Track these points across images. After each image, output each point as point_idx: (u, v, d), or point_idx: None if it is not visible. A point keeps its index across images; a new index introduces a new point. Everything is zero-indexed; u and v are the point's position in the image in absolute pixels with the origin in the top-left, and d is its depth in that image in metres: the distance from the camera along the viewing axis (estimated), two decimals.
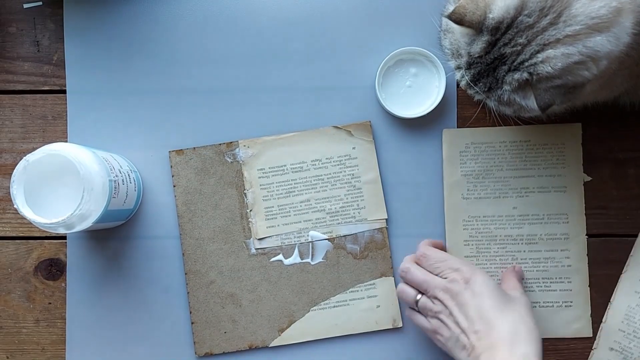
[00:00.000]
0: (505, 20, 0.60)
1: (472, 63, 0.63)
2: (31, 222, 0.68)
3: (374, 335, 0.79)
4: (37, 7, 0.81)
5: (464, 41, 0.63)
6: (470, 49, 0.63)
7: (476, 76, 0.64)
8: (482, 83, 0.64)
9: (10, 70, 0.81)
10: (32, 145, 0.80)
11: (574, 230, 0.78)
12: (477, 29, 0.61)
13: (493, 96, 0.64)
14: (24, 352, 0.79)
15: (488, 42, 0.61)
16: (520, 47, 0.60)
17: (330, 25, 0.80)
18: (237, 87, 0.81)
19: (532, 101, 0.61)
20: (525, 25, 0.59)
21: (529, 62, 0.60)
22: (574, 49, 0.58)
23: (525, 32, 0.59)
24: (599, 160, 0.80)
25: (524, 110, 0.64)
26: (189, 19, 0.81)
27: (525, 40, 0.60)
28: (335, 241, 0.79)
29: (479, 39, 0.62)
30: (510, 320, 0.67)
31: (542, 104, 0.60)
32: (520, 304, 0.69)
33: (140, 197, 0.79)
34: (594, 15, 0.58)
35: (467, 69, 0.64)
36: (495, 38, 0.61)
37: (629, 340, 0.76)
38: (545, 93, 0.60)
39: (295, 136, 0.80)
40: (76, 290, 0.80)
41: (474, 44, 0.62)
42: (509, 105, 0.64)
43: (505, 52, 0.61)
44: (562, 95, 0.61)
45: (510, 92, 0.62)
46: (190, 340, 0.79)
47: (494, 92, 0.63)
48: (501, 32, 0.60)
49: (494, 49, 0.61)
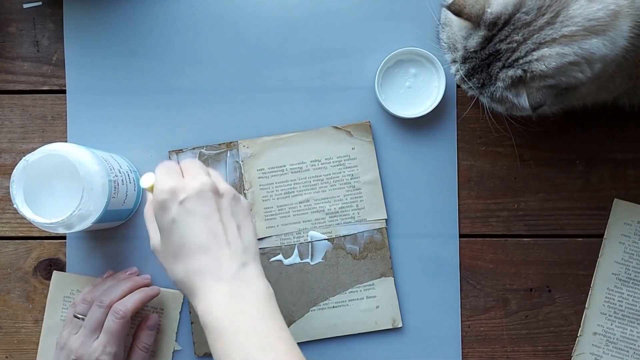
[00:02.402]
0: (503, 16, 0.60)
1: (467, 57, 0.63)
2: (31, 222, 0.68)
3: (373, 335, 0.79)
4: (37, 7, 0.81)
5: (461, 35, 0.64)
6: (467, 43, 0.63)
7: (470, 71, 0.64)
8: (476, 78, 0.64)
9: (10, 70, 0.81)
10: (32, 145, 0.80)
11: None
12: (475, 22, 0.61)
13: (486, 92, 0.64)
14: (23, 352, 0.79)
15: (484, 38, 0.62)
16: (516, 45, 0.60)
17: (330, 26, 0.80)
18: (237, 87, 0.81)
19: (524, 99, 0.61)
20: (522, 23, 0.59)
21: (523, 60, 0.60)
22: (570, 50, 0.58)
23: (522, 30, 0.60)
24: (599, 161, 0.80)
25: (516, 108, 0.64)
26: (188, 19, 0.81)
27: (521, 37, 0.60)
28: (334, 241, 0.79)
29: (476, 34, 0.62)
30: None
31: (533, 103, 0.60)
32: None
33: (140, 197, 0.79)
34: (592, 18, 0.58)
35: (462, 63, 0.64)
36: (491, 34, 0.61)
37: (610, 322, 0.78)
38: (537, 92, 0.60)
39: (294, 136, 0.80)
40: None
41: (471, 38, 0.63)
42: (501, 102, 0.64)
43: (500, 48, 0.61)
44: (554, 96, 0.61)
45: (503, 89, 0.62)
46: (190, 340, 0.79)
47: (487, 88, 0.63)
48: (498, 28, 0.61)
49: (490, 44, 0.61)
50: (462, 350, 0.79)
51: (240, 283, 0.61)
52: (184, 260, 0.62)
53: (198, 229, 0.62)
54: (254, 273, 0.63)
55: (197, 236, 0.62)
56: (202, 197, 0.62)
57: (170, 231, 0.62)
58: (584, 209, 0.80)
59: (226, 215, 0.63)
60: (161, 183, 0.63)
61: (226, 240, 0.62)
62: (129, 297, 0.74)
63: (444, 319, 0.79)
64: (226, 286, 0.61)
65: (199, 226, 0.62)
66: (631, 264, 0.78)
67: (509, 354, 0.80)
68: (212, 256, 0.61)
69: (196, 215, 0.62)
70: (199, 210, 0.62)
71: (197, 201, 0.62)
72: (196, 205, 0.62)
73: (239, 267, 0.62)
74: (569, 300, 0.79)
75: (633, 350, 0.78)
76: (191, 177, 0.64)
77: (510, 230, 0.80)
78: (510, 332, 0.80)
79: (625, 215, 0.78)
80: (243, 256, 0.63)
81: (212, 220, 0.62)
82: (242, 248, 0.63)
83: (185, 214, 0.62)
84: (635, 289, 0.78)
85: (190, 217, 0.62)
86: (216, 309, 0.60)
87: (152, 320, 0.77)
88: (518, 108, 0.63)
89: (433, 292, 0.79)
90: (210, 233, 0.62)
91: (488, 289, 0.80)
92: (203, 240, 0.62)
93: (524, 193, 0.80)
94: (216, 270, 0.61)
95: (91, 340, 0.72)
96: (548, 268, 0.80)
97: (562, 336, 0.79)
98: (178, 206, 0.62)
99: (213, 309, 0.60)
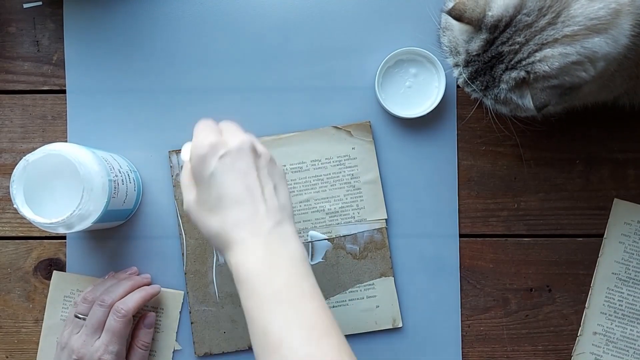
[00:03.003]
0: (504, 19, 0.60)
1: (469, 61, 0.63)
2: (31, 221, 0.68)
3: (373, 335, 0.79)
4: (37, 7, 0.81)
5: (462, 39, 0.64)
6: (469, 46, 0.63)
7: (473, 74, 0.64)
8: (479, 81, 0.64)
9: (10, 70, 0.81)
10: (32, 145, 0.80)
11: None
12: (476, 26, 0.61)
13: (490, 95, 0.64)
14: (23, 352, 0.79)
15: (486, 40, 0.62)
16: (518, 46, 0.60)
17: (330, 26, 0.80)
18: (237, 87, 0.81)
19: (529, 100, 0.61)
20: (523, 24, 0.59)
21: (526, 61, 0.60)
22: (572, 49, 0.58)
23: (523, 31, 0.60)
24: (599, 161, 0.80)
25: (520, 109, 0.64)
26: (188, 19, 0.81)
27: (523, 39, 0.60)
28: (334, 241, 0.79)
29: (478, 37, 0.62)
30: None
31: (538, 103, 0.60)
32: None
33: (140, 197, 0.79)
34: (593, 17, 0.58)
35: (464, 67, 0.64)
36: (493, 36, 0.61)
37: (610, 322, 0.78)
38: (541, 93, 0.60)
39: (294, 136, 0.80)
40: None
41: (472, 42, 0.63)
42: (506, 104, 0.64)
43: (503, 50, 0.61)
44: (559, 95, 0.61)
45: (507, 91, 0.62)
46: (190, 339, 0.79)
47: (491, 90, 0.63)
48: (499, 31, 0.61)
49: (492, 47, 0.61)
50: (462, 350, 0.79)
51: (276, 239, 0.61)
52: (221, 213, 0.62)
53: (236, 183, 0.62)
54: (289, 231, 0.63)
55: (235, 190, 0.62)
56: (241, 154, 0.63)
57: (209, 185, 0.62)
58: (584, 209, 0.80)
59: (263, 175, 0.64)
60: (201, 137, 0.63)
61: (263, 197, 0.62)
62: (130, 296, 0.74)
63: (444, 319, 0.79)
64: (262, 240, 0.61)
65: (238, 181, 0.62)
66: (631, 264, 0.78)
67: (509, 354, 0.80)
68: (249, 210, 0.62)
69: (235, 171, 0.62)
70: (238, 166, 0.62)
71: (236, 157, 0.62)
72: (235, 161, 0.62)
73: (275, 224, 0.62)
74: (569, 300, 0.79)
75: (633, 350, 0.78)
76: (231, 135, 0.64)
77: (510, 230, 0.80)
78: (511, 331, 0.80)
79: (625, 215, 0.79)
80: (279, 214, 0.63)
81: (250, 176, 0.63)
82: (279, 206, 0.63)
83: (224, 169, 0.62)
84: (635, 288, 0.78)
85: (229, 172, 0.62)
86: (251, 263, 0.60)
87: (150, 318, 0.77)
88: (522, 109, 0.63)
89: (433, 292, 0.80)
90: (247, 188, 0.62)
91: (488, 288, 0.80)
92: (241, 194, 0.62)
93: (524, 193, 0.80)
94: (253, 224, 0.61)
95: (93, 339, 0.72)
96: (548, 268, 0.80)
97: (562, 336, 0.79)
98: (217, 161, 0.62)
99: (248, 262, 0.60)
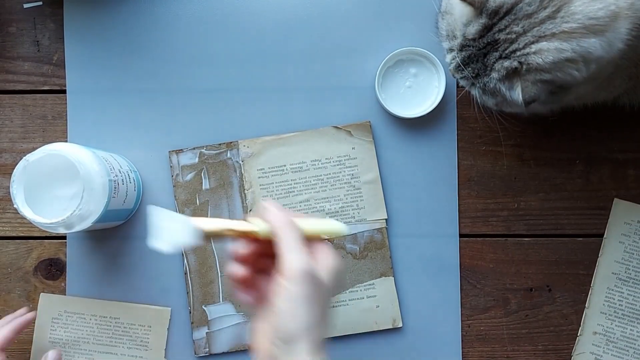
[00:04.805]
0: (505, 5, 0.60)
1: (465, 45, 0.63)
2: (31, 221, 0.68)
3: (373, 335, 0.79)
4: (37, 7, 0.81)
5: (461, 22, 0.64)
6: (466, 30, 0.63)
7: (466, 59, 0.64)
8: (471, 68, 0.64)
9: (10, 70, 0.81)
10: (32, 145, 0.80)
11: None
12: (478, 8, 0.61)
13: (479, 83, 0.64)
14: (23, 352, 0.79)
15: (484, 26, 0.62)
16: (515, 36, 0.60)
17: (330, 26, 0.80)
18: (237, 87, 0.81)
19: (517, 93, 0.61)
20: (523, 14, 0.60)
21: (521, 52, 0.60)
22: (568, 46, 0.58)
23: (522, 21, 0.60)
24: (599, 161, 0.80)
25: (507, 103, 0.64)
26: (188, 19, 0.81)
27: (520, 29, 0.60)
28: (334, 241, 0.79)
29: (476, 21, 0.62)
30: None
31: (526, 96, 0.60)
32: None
33: (140, 197, 0.79)
34: (592, 16, 0.58)
35: (459, 51, 0.64)
36: (492, 22, 0.61)
37: (610, 321, 0.78)
38: (532, 86, 0.60)
39: (295, 136, 0.80)
40: (76, 290, 0.80)
41: (470, 26, 0.63)
42: (493, 95, 0.64)
43: (499, 38, 0.61)
44: (548, 93, 0.61)
45: (497, 81, 0.62)
46: (190, 339, 0.79)
47: (481, 78, 0.63)
48: (499, 17, 0.61)
49: (489, 33, 0.61)
50: (462, 349, 0.79)
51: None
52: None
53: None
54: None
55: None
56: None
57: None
58: (584, 209, 0.80)
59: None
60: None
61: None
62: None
63: (444, 319, 0.79)
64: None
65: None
66: (631, 264, 0.78)
67: (509, 354, 0.80)
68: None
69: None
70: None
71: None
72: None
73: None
74: (569, 300, 0.80)
75: (633, 350, 0.78)
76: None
77: (511, 230, 0.80)
78: (511, 331, 0.80)
79: (625, 214, 0.79)
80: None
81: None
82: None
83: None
84: (635, 288, 0.78)
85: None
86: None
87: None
88: (509, 103, 0.63)
89: (433, 292, 0.80)
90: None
91: (488, 288, 0.80)
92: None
93: (524, 193, 0.80)
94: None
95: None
96: (548, 268, 0.80)
97: (562, 335, 0.79)
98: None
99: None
